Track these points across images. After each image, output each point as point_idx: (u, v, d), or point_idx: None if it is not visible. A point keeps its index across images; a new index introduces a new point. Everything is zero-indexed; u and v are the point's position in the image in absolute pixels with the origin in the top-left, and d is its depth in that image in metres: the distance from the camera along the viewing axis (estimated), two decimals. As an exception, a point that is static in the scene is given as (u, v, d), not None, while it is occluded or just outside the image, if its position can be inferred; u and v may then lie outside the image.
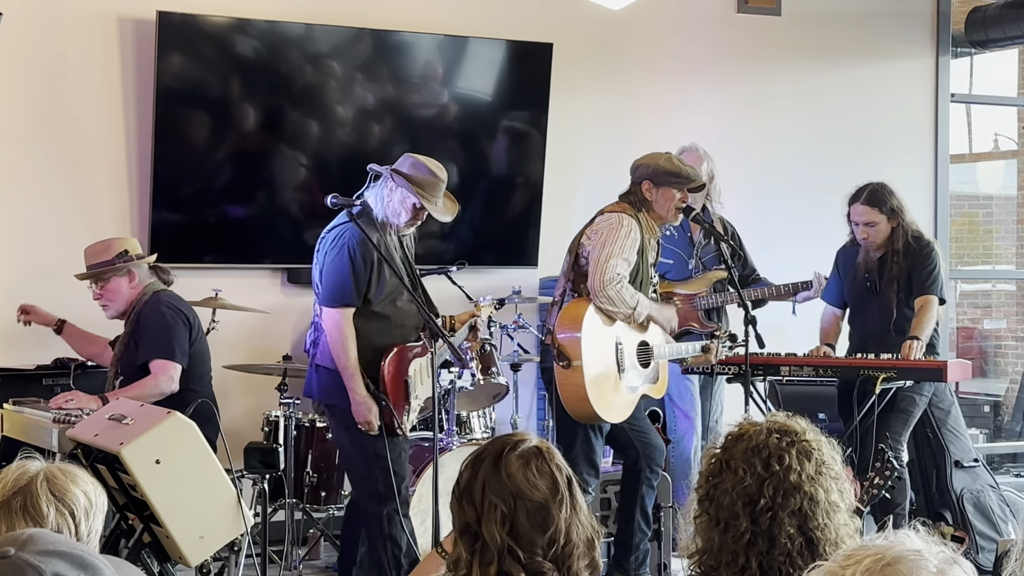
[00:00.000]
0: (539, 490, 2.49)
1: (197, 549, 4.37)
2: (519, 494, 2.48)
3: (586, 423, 5.46)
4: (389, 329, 5.20)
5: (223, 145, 6.88)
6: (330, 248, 5.14)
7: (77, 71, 6.65)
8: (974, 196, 10.99)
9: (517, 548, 2.45)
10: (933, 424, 6.71)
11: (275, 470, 4.50)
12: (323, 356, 5.20)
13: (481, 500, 2.50)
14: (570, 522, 2.50)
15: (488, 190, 7.50)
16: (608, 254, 5.36)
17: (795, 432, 2.49)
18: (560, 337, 5.40)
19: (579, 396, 5.37)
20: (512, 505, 2.48)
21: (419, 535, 5.69)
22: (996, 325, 10.72)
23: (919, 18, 8.52)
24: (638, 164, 5.62)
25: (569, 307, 5.46)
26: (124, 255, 5.65)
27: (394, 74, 7.18)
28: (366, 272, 5.10)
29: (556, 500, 2.49)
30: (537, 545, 2.47)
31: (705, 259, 6.52)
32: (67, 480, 2.55)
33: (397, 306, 5.23)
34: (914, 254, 6.27)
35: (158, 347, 5.54)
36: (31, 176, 6.59)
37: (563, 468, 2.55)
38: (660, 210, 5.57)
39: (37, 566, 1.57)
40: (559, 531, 2.48)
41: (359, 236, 5.06)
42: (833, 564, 1.68)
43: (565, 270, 5.61)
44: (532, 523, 2.47)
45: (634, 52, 7.80)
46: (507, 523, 2.47)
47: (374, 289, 5.14)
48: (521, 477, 2.50)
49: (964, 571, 1.66)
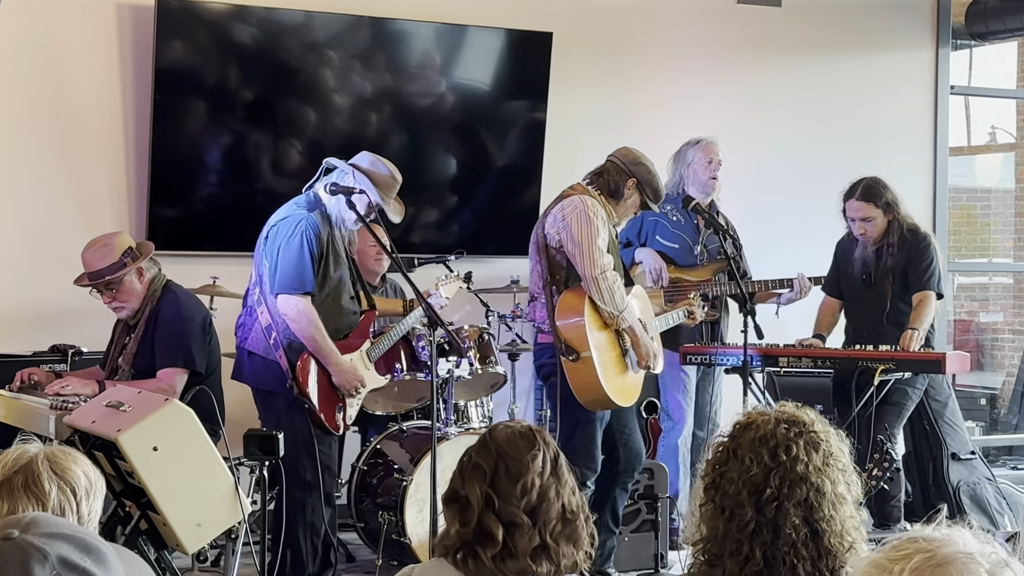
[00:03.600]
0: (520, 450, 2.62)
1: (194, 536, 4.36)
2: (501, 454, 2.62)
3: (598, 411, 5.44)
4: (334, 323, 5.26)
5: (221, 132, 6.87)
6: (285, 236, 5.16)
7: (75, 57, 6.63)
8: (972, 189, 10.99)
9: (495, 498, 2.56)
10: (930, 416, 6.72)
11: (274, 457, 4.48)
12: (253, 342, 5.25)
13: (468, 465, 2.64)
14: (547, 483, 2.61)
15: (486, 179, 7.49)
16: (590, 241, 5.31)
17: (803, 423, 2.48)
18: (563, 330, 5.36)
19: (592, 387, 5.34)
20: (493, 464, 2.61)
21: (416, 524, 5.70)
22: (993, 318, 10.72)
23: (919, 10, 8.51)
24: (638, 162, 5.54)
25: (565, 298, 5.40)
26: (129, 252, 5.46)
27: (392, 63, 7.16)
28: (320, 263, 5.16)
29: (536, 458, 2.61)
30: (514, 496, 2.58)
31: (710, 247, 6.52)
32: (67, 459, 2.56)
33: (337, 303, 5.29)
34: (910, 247, 6.27)
35: (173, 356, 5.43)
36: (28, 162, 6.57)
37: (551, 444, 2.68)
38: (621, 211, 5.55)
39: (42, 548, 1.56)
40: (533, 484, 2.59)
41: (316, 226, 5.13)
42: (880, 556, 1.63)
43: (535, 262, 5.51)
44: (510, 477, 2.59)
45: (634, 42, 7.79)
46: (486, 479, 2.59)
47: (319, 283, 5.20)
48: (505, 441, 2.64)
49: (1016, 573, 1.61)
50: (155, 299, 5.50)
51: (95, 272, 5.44)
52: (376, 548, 5.87)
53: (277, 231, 5.20)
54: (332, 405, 5.28)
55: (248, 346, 5.28)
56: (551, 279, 5.44)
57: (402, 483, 5.76)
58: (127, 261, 5.44)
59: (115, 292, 5.47)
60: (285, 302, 5.14)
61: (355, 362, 5.35)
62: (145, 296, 5.50)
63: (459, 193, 7.46)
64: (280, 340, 5.18)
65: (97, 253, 5.46)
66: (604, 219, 5.39)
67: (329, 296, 5.24)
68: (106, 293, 5.48)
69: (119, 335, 5.63)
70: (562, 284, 5.43)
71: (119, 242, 5.49)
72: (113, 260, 5.43)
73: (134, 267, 5.44)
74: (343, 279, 5.28)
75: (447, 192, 7.43)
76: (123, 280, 5.44)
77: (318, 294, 5.18)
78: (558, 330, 5.35)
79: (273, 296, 5.18)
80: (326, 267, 5.19)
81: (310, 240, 5.12)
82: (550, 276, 5.44)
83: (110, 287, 5.45)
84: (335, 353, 5.21)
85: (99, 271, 5.43)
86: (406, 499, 5.72)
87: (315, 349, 5.17)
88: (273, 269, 5.18)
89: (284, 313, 5.15)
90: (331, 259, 5.19)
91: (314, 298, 5.17)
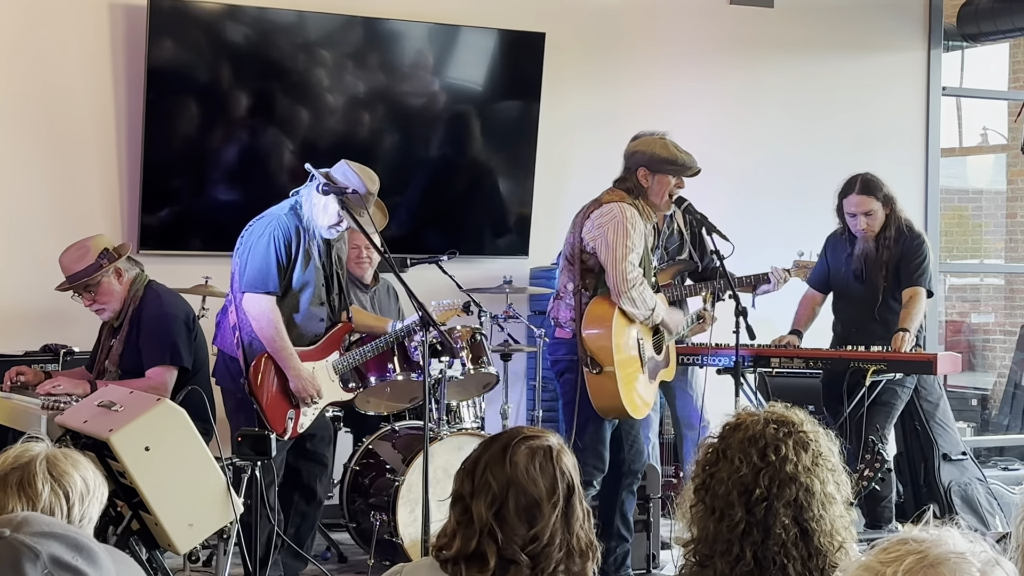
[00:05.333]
0: (536, 485, 2.50)
1: (186, 536, 4.35)
2: (514, 482, 2.50)
3: (610, 417, 5.48)
4: (290, 327, 5.26)
5: (213, 132, 6.87)
6: (256, 236, 5.23)
7: (68, 57, 6.62)
8: (963, 190, 11.01)
9: (499, 531, 2.47)
10: (922, 417, 6.72)
11: (267, 457, 4.48)
12: (221, 339, 5.34)
13: (480, 476, 2.53)
14: (557, 527, 2.50)
15: (479, 180, 7.48)
16: (623, 253, 5.30)
17: (792, 423, 2.49)
18: (588, 340, 5.36)
19: (612, 399, 5.37)
20: (505, 491, 2.49)
21: (408, 524, 5.70)
22: (984, 319, 10.75)
23: (911, 11, 8.53)
24: (633, 150, 5.54)
25: (593, 308, 5.39)
26: (106, 254, 5.45)
27: (385, 62, 7.16)
28: (286, 264, 5.20)
29: (550, 502, 2.50)
30: (518, 535, 2.48)
31: (670, 248, 6.45)
32: (67, 463, 2.55)
33: (306, 309, 5.31)
34: (906, 242, 6.27)
35: (160, 354, 5.43)
36: (20, 162, 6.56)
37: (567, 474, 2.55)
38: (655, 198, 5.50)
39: (33, 547, 1.56)
40: (543, 531, 2.49)
41: (285, 228, 5.18)
42: (871, 559, 1.62)
43: (568, 263, 5.51)
44: (519, 514, 2.49)
45: (627, 42, 7.79)
46: (495, 506, 2.49)
47: (283, 284, 5.22)
48: (522, 467, 2.51)
49: (1006, 572, 1.61)
50: (137, 299, 5.50)
51: (72, 275, 5.44)
52: (368, 548, 5.87)
53: (251, 231, 5.28)
54: (283, 409, 5.29)
55: (216, 342, 5.38)
56: (582, 283, 5.44)
57: (394, 483, 5.76)
58: (103, 263, 5.43)
59: (94, 294, 5.46)
60: (249, 300, 5.21)
61: (317, 372, 5.36)
62: (127, 297, 5.49)
63: (451, 193, 7.46)
64: (242, 338, 5.23)
65: (73, 256, 5.45)
66: (641, 230, 5.38)
67: (292, 299, 5.27)
68: (86, 296, 5.48)
69: (104, 337, 5.62)
70: (592, 290, 5.43)
71: (95, 244, 5.48)
72: (89, 262, 5.42)
73: (111, 268, 5.43)
74: (310, 283, 5.28)
75: (439, 192, 7.43)
76: (100, 281, 5.44)
77: (281, 295, 5.22)
78: (583, 340, 5.37)
79: (240, 294, 5.24)
80: (292, 269, 5.23)
81: (277, 241, 5.18)
82: (581, 281, 5.44)
83: (89, 290, 5.45)
84: (293, 357, 5.24)
85: (76, 274, 5.43)
86: (398, 499, 5.72)
87: (273, 351, 5.21)
88: (242, 268, 5.25)
89: (248, 311, 5.21)
90: (300, 262, 5.23)
91: (280, 299, 5.20)
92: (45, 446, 2.62)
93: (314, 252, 5.28)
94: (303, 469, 5.53)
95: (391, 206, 7.17)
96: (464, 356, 5.97)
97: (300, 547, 5.45)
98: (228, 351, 5.30)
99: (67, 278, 5.47)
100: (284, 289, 5.25)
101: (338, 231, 5.32)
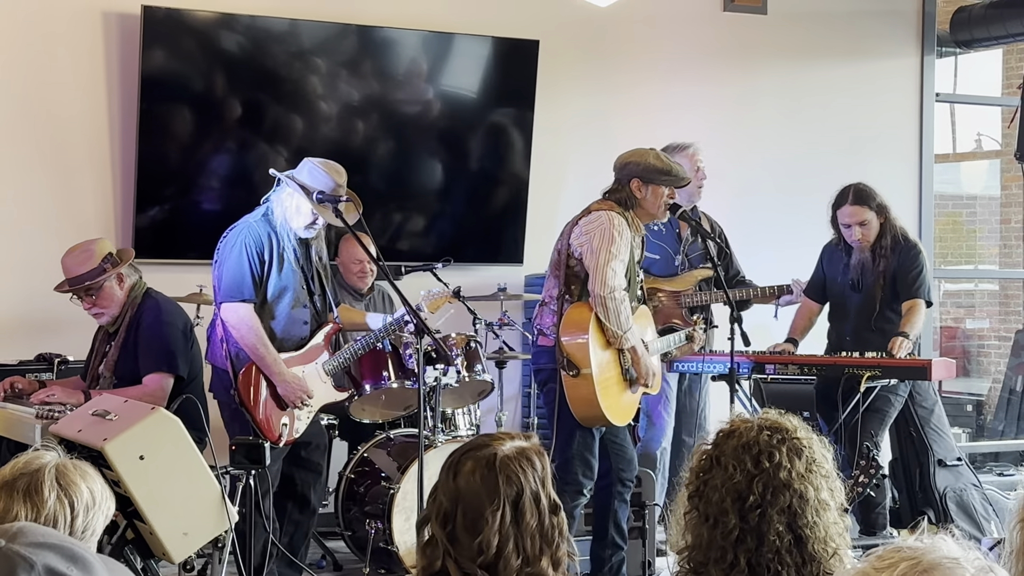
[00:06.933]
0: (477, 497, 2.48)
1: (181, 545, 4.34)
2: (460, 497, 2.49)
3: (592, 426, 5.46)
4: (271, 335, 5.27)
5: (207, 140, 6.87)
6: (229, 248, 5.24)
7: (61, 66, 6.62)
8: (957, 196, 11.03)
9: (451, 548, 2.47)
10: (916, 423, 6.72)
11: (261, 466, 4.48)
12: (211, 353, 5.35)
13: (433, 496, 2.54)
14: (507, 534, 2.47)
15: (473, 187, 7.49)
16: (606, 259, 5.29)
17: (786, 429, 2.48)
18: (566, 344, 5.35)
19: (589, 404, 5.34)
20: (454, 507, 2.49)
21: (403, 532, 5.70)
22: (979, 325, 10.76)
23: (904, 18, 8.54)
24: (625, 161, 5.54)
25: (572, 312, 5.39)
26: (109, 258, 5.45)
27: (379, 70, 7.17)
28: (260, 271, 5.20)
29: (491, 510, 2.46)
30: (469, 549, 2.46)
31: (692, 256, 6.48)
32: (76, 474, 2.55)
33: (287, 313, 5.31)
34: (902, 252, 6.28)
35: (157, 362, 5.43)
36: (14, 171, 6.56)
37: (515, 479, 2.50)
38: (650, 208, 5.52)
39: (28, 557, 1.56)
40: (489, 541, 2.45)
41: (256, 236, 5.20)
42: (866, 566, 1.64)
43: (554, 270, 5.53)
44: (467, 528, 2.47)
45: (621, 50, 7.81)
46: (447, 524, 2.48)
47: (260, 292, 5.22)
48: (464, 481, 2.50)
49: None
50: (135, 306, 5.50)
51: (75, 277, 5.43)
52: (364, 557, 5.86)
53: (225, 242, 5.30)
54: (276, 417, 5.29)
55: (208, 358, 5.40)
56: (566, 290, 5.44)
57: (389, 491, 5.76)
58: (107, 267, 5.43)
59: (95, 298, 5.45)
60: (227, 310, 5.22)
61: (308, 375, 5.35)
62: (125, 303, 5.50)
63: (446, 201, 7.46)
64: (229, 350, 5.24)
65: (77, 259, 5.44)
66: (628, 239, 5.38)
67: (269, 309, 5.27)
68: (86, 299, 5.47)
69: (100, 343, 5.62)
70: (575, 297, 5.43)
71: (99, 248, 5.48)
72: (93, 266, 5.42)
73: (114, 272, 5.43)
74: (289, 287, 5.28)
75: (434, 200, 7.43)
76: (103, 286, 5.43)
77: (258, 301, 5.22)
78: (561, 344, 5.36)
79: (218, 305, 5.25)
80: (268, 276, 5.23)
81: (249, 248, 5.19)
82: (566, 287, 5.44)
83: (90, 293, 5.44)
84: (278, 363, 5.24)
85: (79, 276, 5.42)
86: (393, 507, 5.72)
87: (256, 358, 5.21)
88: (219, 279, 5.26)
89: (227, 320, 5.21)
90: (275, 267, 5.23)
91: (257, 306, 5.21)
92: (56, 455, 2.62)
93: (289, 255, 5.28)
94: (297, 477, 5.52)
95: (385, 214, 7.20)
96: (459, 363, 5.97)
97: (294, 556, 5.45)
98: (219, 364, 5.31)
99: (69, 280, 5.46)
100: (261, 299, 5.24)
101: (315, 229, 5.32)
